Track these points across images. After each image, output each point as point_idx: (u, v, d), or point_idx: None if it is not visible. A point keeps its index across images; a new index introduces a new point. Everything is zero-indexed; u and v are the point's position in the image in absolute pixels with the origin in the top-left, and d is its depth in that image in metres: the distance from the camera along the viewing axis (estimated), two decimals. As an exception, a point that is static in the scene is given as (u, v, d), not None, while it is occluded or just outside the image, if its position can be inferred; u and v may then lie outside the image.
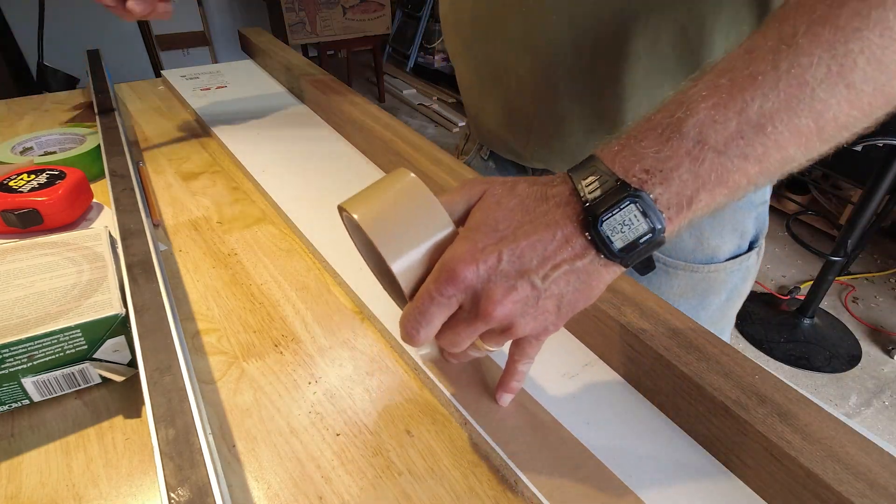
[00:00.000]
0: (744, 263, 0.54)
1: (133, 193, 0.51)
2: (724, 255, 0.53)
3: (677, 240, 0.51)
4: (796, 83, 0.23)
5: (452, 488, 0.31)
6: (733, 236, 0.52)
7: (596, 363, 0.39)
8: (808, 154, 0.25)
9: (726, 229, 0.51)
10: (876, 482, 0.26)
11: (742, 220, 0.52)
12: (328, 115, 0.77)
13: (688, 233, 0.50)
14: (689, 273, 0.52)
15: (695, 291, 0.53)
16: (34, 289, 0.37)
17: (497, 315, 0.27)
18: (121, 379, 0.36)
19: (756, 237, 0.54)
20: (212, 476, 0.27)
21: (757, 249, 0.54)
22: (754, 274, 0.57)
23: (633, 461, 0.32)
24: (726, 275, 0.53)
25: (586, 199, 0.26)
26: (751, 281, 0.57)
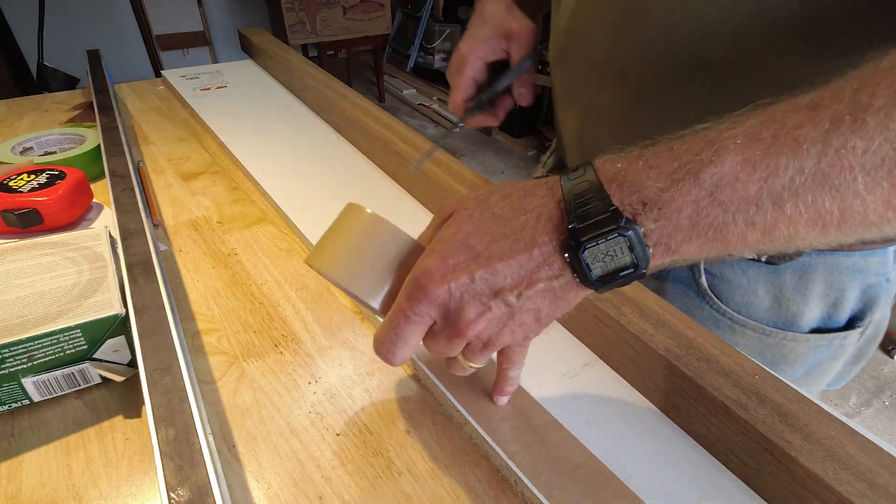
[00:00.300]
0: (835, 342, 0.44)
1: (133, 193, 0.51)
2: (807, 325, 0.44)
3: (751, 296, 0.43)
4: (839, 166, 0.20)
5: (452, 488, 0.31)
6: (822, 304, 0.43)
7: (596, 363, 0.39)
8: (820, 239, 0.22)
9: (814, 294, 0.42)
10: (876, 482, 0.26)
11: (839, 288, 0.42)
12: (328, 115, 0.77)
13: (764, 289, 0.43)
14: (760, 336, 0.44)
15: (764, 357, 0.45)
16: (34, 289, 0.37)
17: (471, 334, 0.27)
18: (120, 379, 0.36)
19: (860, 314, 0.44)
20: (212, 476, 0.27)
21: (861, 329, 0.44)
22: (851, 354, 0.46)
23: (633, 461, 0.32)
24: (807, 348, 0.44)
25: (572, 221, 0.24)
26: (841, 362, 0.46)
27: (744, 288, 0.44)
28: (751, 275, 0.43)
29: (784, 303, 0.43)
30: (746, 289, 0.44)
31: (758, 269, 0.43)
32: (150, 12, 2.66)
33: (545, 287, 0.25)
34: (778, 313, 0.44)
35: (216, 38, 3.17)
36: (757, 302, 0.44)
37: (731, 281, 0.44)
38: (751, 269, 0.43)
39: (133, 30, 2.39)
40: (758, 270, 0.43)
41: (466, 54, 0.47)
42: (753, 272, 0.43)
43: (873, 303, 0.44)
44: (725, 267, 0.44)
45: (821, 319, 0.44)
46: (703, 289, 0.45)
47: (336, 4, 2.93)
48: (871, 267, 0.42)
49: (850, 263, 0.42)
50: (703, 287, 0.45)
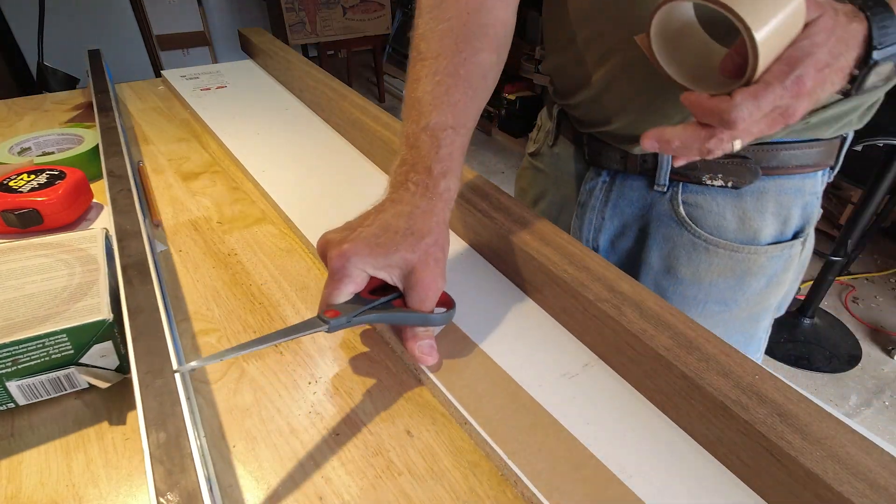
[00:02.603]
0: (786, 251, 0.54)
1: (130, 194, 0.51)
2: (765, 239, 0.53)
3: (720, 219, 0.52)
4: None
5: (452, 488, 0.31)
6: (776, 221, 0.52)
7: (596, 363, 0.39)
8: None
9: (768, 212, 0.52)
10: (876, 482, 0.26)
11: (786, 206, 0.52)
12: (328, 115, 0.77)
13: (731, 212, 0.52)
14: (730, 252, 0.53)
15: (734, 272, 0.54)
16: (25, 291, 0.37)
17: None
18: (106, 385, 0.35)
19: (801, 227, 0.54)
20: (202, 481, 0.26)
21: (802, 240, 0.54)
22: (798, 266, 0.57)
23: (633, 461, 0.32)
24: (767, 259, 0.54)
25: None
26: (794, 272, 0.57)
27: (714, 213, 0.52)
28: (719, 201, 0.52)
29: (747, 222, 0.52)
30: (717, 213, 0.52)
31: (725, 196, 0.51)
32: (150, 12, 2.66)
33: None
34: (743, 232, 0.52)
35: (216, 38, 3.17)
36: (725, 224, 0.52)
37: (704, 208, 0.52)
38: (719, 196, 0.52)
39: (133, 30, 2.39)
40: (725, 197, 0.51)
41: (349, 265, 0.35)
42: (721, 199, 0.52)
43: (809, 216, 0.54)
44: (699, 196, 0.52)
45: (775, 234, 0.53)
46: (681, 217, 0.53)
47: (336, 4, 2.93)
48: (806, 187, 0.52)
49: (792, 185, 0.51)
50: (682, 216, 0.53)
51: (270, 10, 2.99)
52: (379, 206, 0.39)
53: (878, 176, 1.34)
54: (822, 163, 0.51)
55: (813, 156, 0.50)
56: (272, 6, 2.92)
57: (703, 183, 0.51)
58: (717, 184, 0.51)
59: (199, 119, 0.79)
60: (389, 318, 0.36)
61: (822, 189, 0.53)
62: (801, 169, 0.50)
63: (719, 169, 0.50)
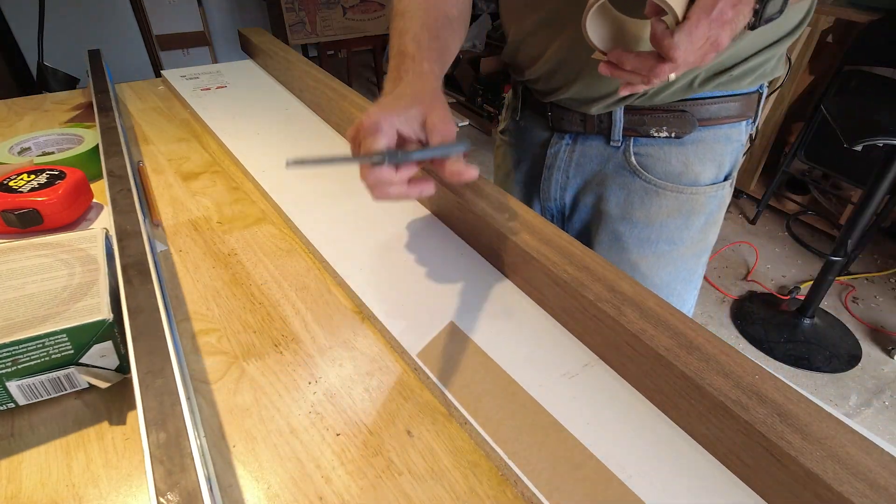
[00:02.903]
0: (719, 192, 0.64)
1: (130, 194, 0.51)
2: (704, 181, 0.62)
3: (667, 165, 0.61)
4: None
5: (452, 488, 0.31)
6: (713, 166, 0.62)
7: (596, 363, 0.39)
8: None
9: (706, 158, 0.61)
10: (876, 482, 0.26)
11: (721, 153, 0.61)
12: (328, 115, 0.76)
13: (676, 159, 0.61)
14: (676, 194, 0.62)
15: (680, 212, 0.63)
16: (25, 291, 0.37)
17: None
18: (106, 385, 0.35)
19: (730, 171, 0.64)
20: (202, 481, 0.26)
21: (730, 181, 0.64)
22: (726, 205, 0.67)
23: (633, 461, 0.32)
24: (706, 199, 0.63)
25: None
26: (723, 212, 0.67)
27: (662, 160, 0.61)
28: (666, 150, 0.61)
29: (689, 166, 0.61)
30: (664, 160, 0.61)
31: (670, 145, 0.60)
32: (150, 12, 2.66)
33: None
34: (686, 175, 0.61)
35: (216, 38, 3.17)
36: (671, 169, 0.61)
37: (653, 157, 0.61)
38: (665, 146, 0.60)
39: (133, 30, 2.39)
40: (670, 146, 0.60)
41: (380, 120, 0.41)
42: (667, 148, 0.60)
43: (736, 161, 0.64)
44: (648, 147, 0.61)
45: (712, 177, 0.63)
46: (633, 167, 0.62)
47: (336, 4, 2.93)
48: (733, 136, 0.61)
49: (723, 133, 0.60)
50: (634, 165, 0.62)
51: (270, 10, 2.99)
52: (384, 94, 0.46)
53: (878, 176, 1.34)
54: (744, 114, 0.61)
55: (737, 108, 0.59)
56: (272, 6, 2.92)
57: (651, 135, 0.60)
58: (662, 135, 0.60)
59: (199, 119, 0.79)
60: (424, 155, 0.41)
61: (746, 138, 0.63)
62: (728, 119, 0.60)
63: (663, 122, 0.59)
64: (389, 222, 0.55)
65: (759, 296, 1.82)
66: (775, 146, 2.17)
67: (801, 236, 2.09)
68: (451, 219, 0.54)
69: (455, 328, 0.42)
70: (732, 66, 0.55)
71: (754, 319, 1.71)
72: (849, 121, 1.29)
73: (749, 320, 1.70)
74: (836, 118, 1.32)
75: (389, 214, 0.56)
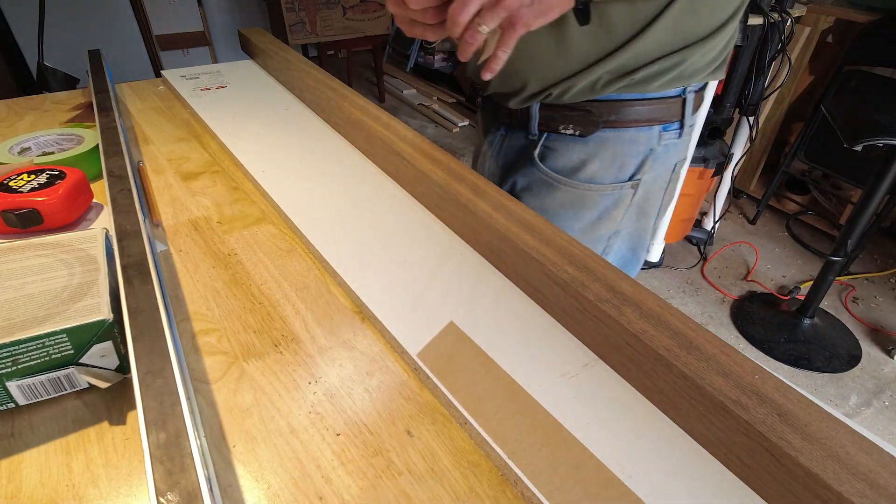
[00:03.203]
0: (617, 191, 0.65)
1: (130, 194, 0.51)
2: (601, 180, 0.65)
3: (567, 161, 0.65)
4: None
5: (452, 488, 0.31)
6: (613, 166, 0.64)
7: (596, 363, 0.39)
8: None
9: (607, 158, 0.64)
10: (876, 482, 0.26)
11: (623, 155, 0.63)
12: (328, 115, 0.76)
13: (577, 155, 0.64)
14: (570, 189, 0.65)
15: (571, 205, 0.66)
16: (25, 291, 0.37)
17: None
18: (106, 385, 0.35)
19: (635, 174, 0.65)
20: (202, 481, 0.26)
21: (632, 184, 0.65)
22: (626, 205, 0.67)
23: (633, 461, 0.32)
24: (599, 196, 0.66)
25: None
26: (622, 210, 0.67)
27: (565, 156, 0.65)
28: (570, 146, 0.64)
29: (589, 164, 0.64)
30: (566, 156, 0.64)
31: (574, 142, 0.63)
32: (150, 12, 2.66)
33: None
34: (583, 172, 0.64)
35: (216, 38, 3.17)
36: (569, 164, 0.65)
37: (557, 151, 0.65)
38: (570, 142, 0.64)
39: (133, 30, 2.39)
40: (574, 143, 0.63)
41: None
42: (571, 144, 0.64)
43: (643, 164, 0.64)
44: (556, 142, 0.65)
45: (611, 177, 0.65)
46: (536, 158, 0.66)
47: (336, 4, 2.93)
48: (641, 139, 0.62)
49: (629, 137, 0.62)
50: (536, 157, 0.66)
51: (270, 10, 2.99)
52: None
53: (878, 176, 1.34)
54: (658, 119, 0.61)
55: (646, 112, 0.60)
56: (272, 6, 2.92)
57: (559, 132, 0.64)
58: (568, 132, 0.63)
59: (199, 119, 0.79)
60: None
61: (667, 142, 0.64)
62: (635, 123, 0.61)
63: (570, 120, 0.62)
64: (389, 222, 0.55)
65: (759, 296, 1.82)
66: (775, 146, 2.18)
67: (801, 236, 2.09)
68: (451, 219, 0.54)
69: (455, 328, 0.42)
70: (634, 69, 0.57)
71: (754, 319, 1.71)
72: (849, 121, 1.29)
73: (749, 320, 1.70)
74: (836, 118, 1.32)
75: (389, 214, 0.56)
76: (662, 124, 0.62)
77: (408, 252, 0.50)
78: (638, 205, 0.68)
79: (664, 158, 0.65)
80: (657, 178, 0.67)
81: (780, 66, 1.63)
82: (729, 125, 1.76)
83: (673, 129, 0.63)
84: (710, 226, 2.02)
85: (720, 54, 0.60)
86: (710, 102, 1.59)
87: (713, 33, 0.56)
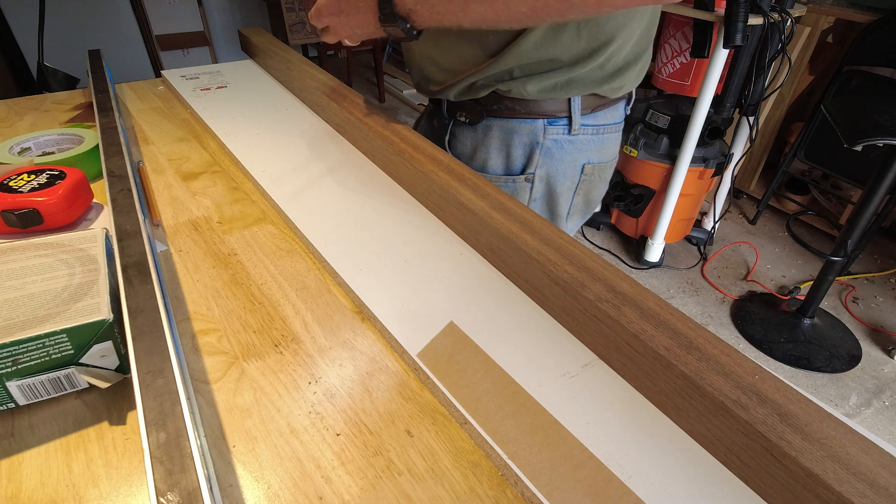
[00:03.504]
0: (510, 184, 0.69)
1: (130, 194, 0.51)
2: (492, 170, 0.69)
3: (464, 147, 0.70)
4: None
5: (452, 488, 0.31)
6: (500, 155, 0.68)
7: (596, 363, 0.39)
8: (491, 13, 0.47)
9: (493, 146, 0.68)
10: (876, 482, 0.26)
11: (508, 144, 0.67)
12: (328, 115, 0.76)
13: (470, 142, 0.69)
14: None
15: None
16: (25, 291, 0.37)
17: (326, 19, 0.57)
18: (106, 385, 0.35)
19: (525, 167, 0.68)
20: (202, 481, 0.26)
21: (525, 177, 0.68)
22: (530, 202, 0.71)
23: (633, 461, 0.32)
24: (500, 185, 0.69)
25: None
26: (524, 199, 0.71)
27: (462, 143, 0.70)
28: (465, 132, 0.69)
29: (478, 152, 0.69)
30: (464, 143, 0.70)
31: (467, 129, 0.69)
32: (150, 12, 2.66)
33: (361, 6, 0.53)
34: (475, 159, 0.70)
35: (216, 38, 3.17)
36: (468, 152, 0.70)
37: (458, 137, 0.70)
38: (465, 129, 0.69)
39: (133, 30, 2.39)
40: (468, 130, 0.69)
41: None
42: (466, 131, 0.69)
43: (532, 158, 0.67)
44: (457, 129, 0.70)
45: (502, 166, 0.69)
46: (447, 144, 0.71)
47: (336, 4, 2.93)
48: (524, 130, 0.65)
49: (511, 127, 0.66)
50: (447, 143, 0.71)
51: (270, 10, 2.99)
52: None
53: (878, 176, 1.34)
54: (538, 113, 0.64)
55: (528, 105, 0.64)
56: (272, 6, 2.92)
57: (458, 118, 0.69)
58: (462, 119, 0.69)
59: (199, 119, 0.79)
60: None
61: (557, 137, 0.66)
62: (518, 114, 0.65)
63: (464, 108, 0.68)
64: (389, 222, 0.55)
65: (759, 296, 1.82)
66: (775, 146, 2.18)
67: (801, 236, 2.09)
68: (451, 219, 0.54)
69: (455, 328, 0.42)
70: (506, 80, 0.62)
71: (754, 319, 1.71)
72: (849, 121, 1.29)
73: (749, 320, 1.70)
74: (836, 118, 1.32)
75: (389, 214, 0.56)
76: (546, 118, 0.64)
77: (408, 252, 0.50)
78: (545, 202, 0.71)
79: (560, 155, 0.66)
80: (559, 175, 0.68)
81: (780, 66, 1.63)
82: (729, 125, 1.76)
83: (560, 125, 0.65)
84: (710, 226, 2.02)
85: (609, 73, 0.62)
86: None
87: (590, 56, 0.59)
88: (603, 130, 0.68)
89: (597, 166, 0.69)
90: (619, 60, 0.62)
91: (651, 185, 1.83)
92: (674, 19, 1.67)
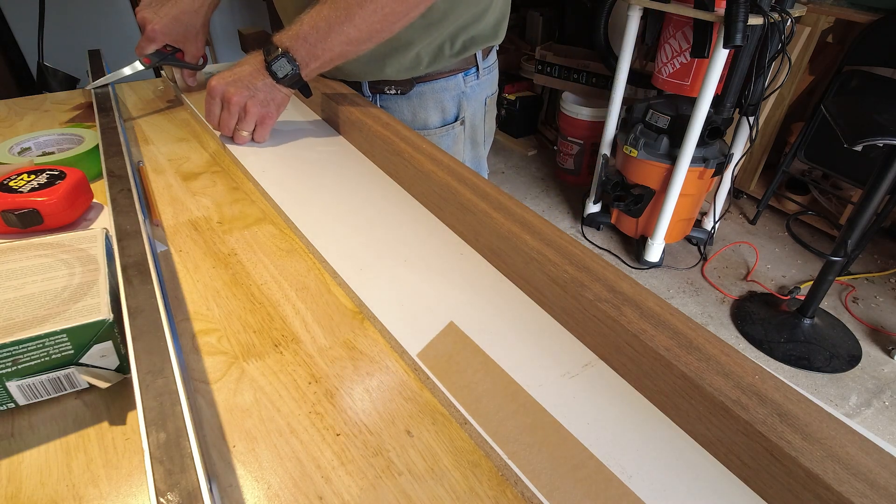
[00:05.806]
0: (451, 131, 0.84)
1: (130, 194, 0.51)
2: (433, 125, 0.83)
3: (402, 115, 0.82)
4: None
5: (452, 488, 0.31)
6: (437, 111, 0.82)
7: (596, 363, 0.39)
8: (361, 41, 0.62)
9: (430, 106, 0.81)
10: (876, 482, 0.26)
11: (441, 102, 0.81)
12: (328, 114, 0.77)
13: (406, 110, 0.81)
14: None
15: None
16: (25, 291, 0.37)
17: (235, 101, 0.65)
18: (106, 385, 0.35)
19: (458, 114, 0.84)
20: (202, 480, 0.26)
21: (459, 121, 0.84)
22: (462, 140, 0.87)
23: (633, 461, 0.32)
24: (438, 138, 0.83)
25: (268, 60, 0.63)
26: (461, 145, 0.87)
27: (398, 112, 0.82)
28: (399, 103, 0.81)
29: (418, 115, 0.82)
30: (398, 113, 0.82)
31: (400, 99, 0.81)
32: (150, 12, 2.65)
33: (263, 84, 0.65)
34: (416, 122, 0.82)
35: (216, 38, 3.17)
36: (405, 118, 0.82)
37: (391, 109, 0.81)
38: (398, 100, 0.81)
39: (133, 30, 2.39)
40: (400, 100, 0.81)
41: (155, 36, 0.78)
42: (399, 101, 0.81)
43: (462, 106, 0.84)
44: (388, 102, 0.81)
45: (439, 121, 0.83)
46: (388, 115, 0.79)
47: (336, 4, 2.93)
48: (450, 87, 0.81)
49: (440, 86, 0.80)
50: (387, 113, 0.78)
51: (270, 10, 2.98)
52: None
53: (878, 176, 1.34)
54: (457, 69, 0.80)
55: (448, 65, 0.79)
56: (272, 6, 2.92)
57: (386, 92, 0.80)
58: (392, 92, 0.80)
59: (199, 119, 0.79)
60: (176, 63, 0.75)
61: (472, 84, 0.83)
62: (442, 75, 0.80)
63: (393, 84, 0.79)
64: (389, 222, 0.55)
65: (759, 296, 1.82)
66: (775, 146, 2.18)
67: (801, 236, 2.09)
68: (451, 219, 0.54)
69: (455, 328, 0.42)
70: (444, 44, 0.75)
71: (754, 319, 1.71)
72: (849, 121, 1.29)
73: (749, 320, 1.70)
74: (836, 118, 1.32)
75: (389, 214, 0.56)
76: (463, 72, 0.81)
77: (408, 252, 0.50)
78: (470, 137, 0.88)
79: (475, 96, 0.84)
80: (475, 112, 0.86)
81: (780, 66, 1.63)
82: (729, 125, 1.76)
83: (472, 74, 0.82)
84: (710, 226, 2.02)
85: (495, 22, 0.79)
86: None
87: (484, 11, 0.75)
88: (491, 69, 0.86)
89: (490, 97, 0.88)
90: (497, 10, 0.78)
91: (651, 185, 1.83)
92: (674, 19, 1.67)
